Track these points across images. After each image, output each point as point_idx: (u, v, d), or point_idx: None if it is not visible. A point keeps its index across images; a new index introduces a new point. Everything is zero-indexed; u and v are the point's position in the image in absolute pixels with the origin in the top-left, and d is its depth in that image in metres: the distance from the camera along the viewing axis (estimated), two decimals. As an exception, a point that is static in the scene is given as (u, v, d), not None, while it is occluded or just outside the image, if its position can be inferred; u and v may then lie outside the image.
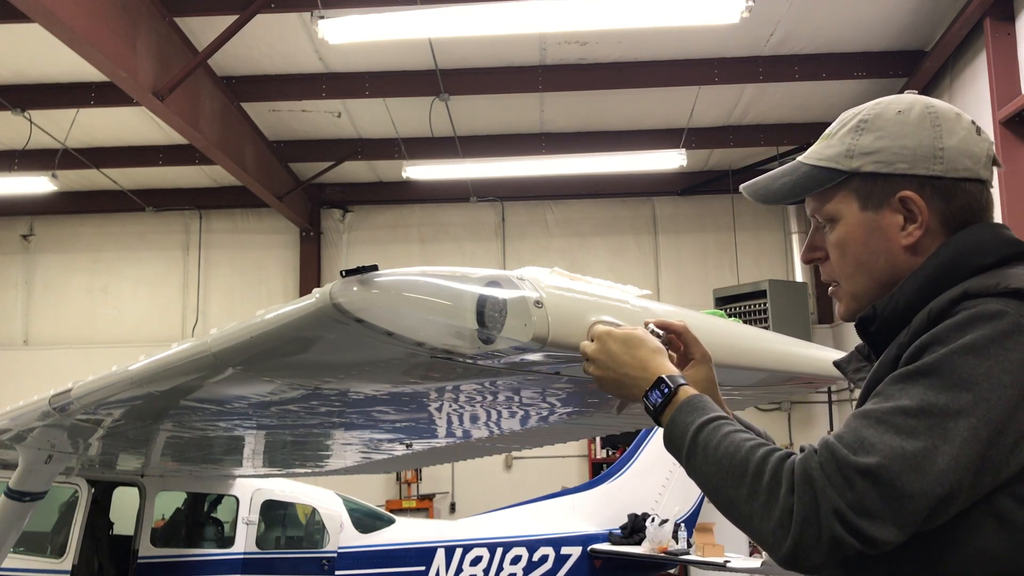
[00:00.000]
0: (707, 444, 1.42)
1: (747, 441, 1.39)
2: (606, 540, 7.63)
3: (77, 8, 6.18)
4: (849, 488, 1.24)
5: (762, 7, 7.47)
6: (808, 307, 10.82)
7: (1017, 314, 1.29)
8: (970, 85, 8.40)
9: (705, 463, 1.41)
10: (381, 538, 6.82)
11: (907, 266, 1.49)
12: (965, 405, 1.24)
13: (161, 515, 6.15)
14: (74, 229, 12.74)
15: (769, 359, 2.11)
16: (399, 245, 12.55)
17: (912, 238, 1.49)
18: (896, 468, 1.23)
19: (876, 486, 1.23)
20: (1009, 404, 1.24)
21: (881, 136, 1.50)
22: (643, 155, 10.25)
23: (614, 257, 12.37)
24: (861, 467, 1.24)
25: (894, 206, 1.49)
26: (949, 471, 1.22)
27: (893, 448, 1.24)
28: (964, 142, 1.48)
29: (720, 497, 1.39)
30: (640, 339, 1.63)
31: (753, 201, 1.69)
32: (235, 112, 9.53)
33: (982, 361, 1.26)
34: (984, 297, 1.32)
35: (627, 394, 1.62)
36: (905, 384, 1.30)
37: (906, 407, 1.27)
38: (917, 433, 1.24)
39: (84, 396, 2.91)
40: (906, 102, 1.53)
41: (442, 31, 7.21)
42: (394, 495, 11.71)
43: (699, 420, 1.46)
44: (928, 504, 1.23)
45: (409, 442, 3.94)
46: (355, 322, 1.63)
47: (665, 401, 1.54)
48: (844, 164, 1.52)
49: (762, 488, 1.32)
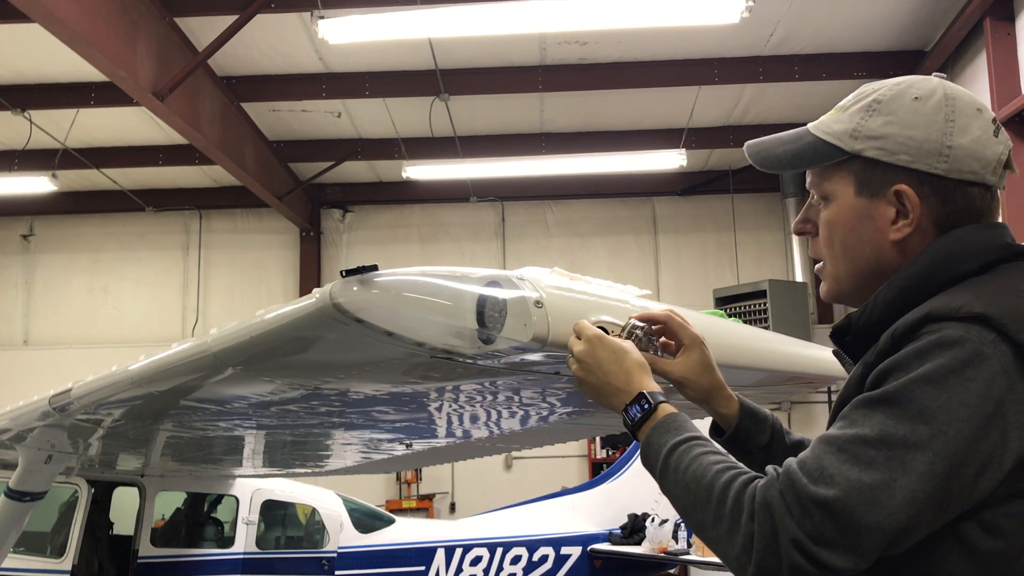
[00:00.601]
0: (677, 466, 1.41)
1: (714, 464, 1.38)
2: (606, 540, 7.63)
3: (77, 8, 6.18)
4: (807, 518, 1.23)
5: (762, 7, 7.47)
6: (808, 307, 10.82)
7: (979, 341, 1.24)
8: (970, 85, 8.40)
9: (676, 485, 1.41)
10: (381, 538, 6.81)
11: (893, 261, 1.45)
12: (922, 438, 1.21)
13: (161, 515, 6.15)
14: (74, 229, 12.75)
15: (769, 359, 2.11)
16: (399, 245, 12.55)
17: (900, 234, 1.44)
18: (853, 501, 1.22)
19: (833, 518, 1.22)
20: (968, 436, 1.21)
21: (891, 121, 1.44)
22: (643, 155, 10.25)
23: (614, 257, 12.38)
24: (819, 499, 1.23)
25: (889, 198, 1.44)
26: (905, 505, 1.21)
27: (850, 480, 1.23)
28: (976, 142, 1.41)
29: (690, 519, 1.40)
30: (627, 350, 1.63)
31: (751, 162, 1.64)
32: (235, 112, 9.53)
33: (940, 392, 1.22)
34: (947, 321, 1.27)
35: (606, 403, 1.62)
36: (867, 411, 1.28)
37: (866, 436, 1.25)
38: (876, 464, 1.22)
39: (84, 396, 2.91)
40: (927, 88, 1.45)
41: (442, 31, 7.21)
42: (394, 495, 11.71)
43: (672, 441, 1.45)
44: (884, 536, 1.22)
45: (409, 442, 3.94)
46: (355, 322, 1.63)
47: (644, 417, 1.53)
48: (848, 144, 1.47)
49: (725, 514, 1.31)
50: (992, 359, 1.23)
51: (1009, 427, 1.22)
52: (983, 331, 1.25)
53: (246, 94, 9.44)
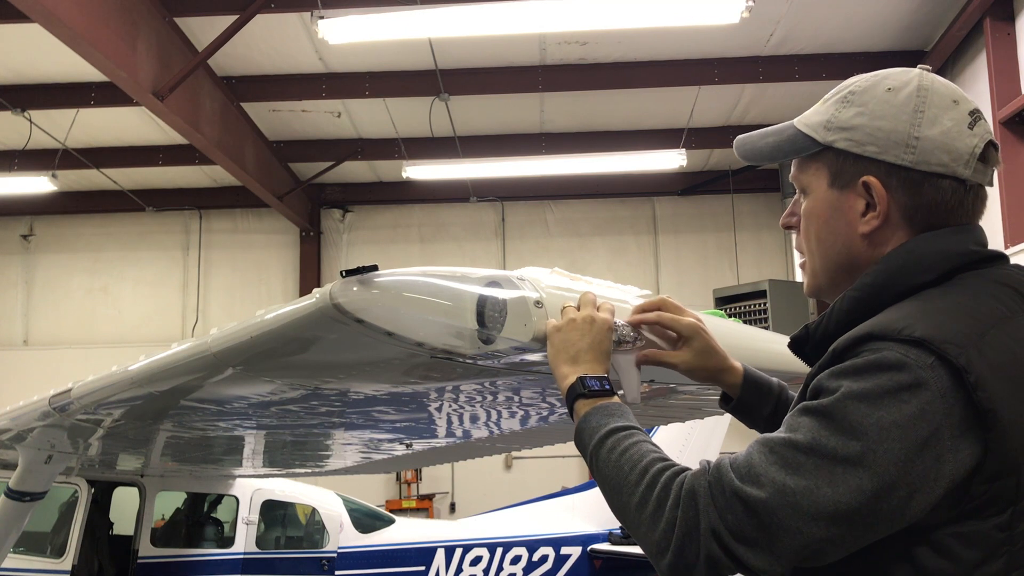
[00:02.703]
0: (614, 447, 1.42)
1: (651, 453, 1.39)
2: (606, 540, 7.62)
3: (77, 8, 6.18)
4: (729, 512, 1.25)
5: (762, 7, 7.48)
6: (808, 307, 10.80)
7: (916, 365, 1.22)
8: (970, 85, 8.40)
9: (607, 464, 1.41)
10: (381, 538, 6.81)
11: (863, 255, 1.43)
12: (852, 454, 1.20)
13: (161, 515, 6.15)
14: (74, 229, 12.75)
15: (769, 359, 2.10)
16: (399, 245, 12.55)
17: (868, 227, 1.41)
18: (775, 503, 1.22)
19: (753, 516, 1.23)
20: (899, 458, 1.19)
21: (861, 112, 1.42)
22: (643, 155, 10.25)
23: (614, 257, 12.38)
24: (743, 495, 1.24)
25: (858, 190, 1.41)
26: (826, 516, 1.20)
27: (775, 482, 1.23)
28: (945, 134, 1.37)
29: (615, 500, 1.40)
30: (609, 345, 1.65)
31: (738, 155, 1.63)
32: (235, 112, 9.53)
33: (873, 411, 1.20)
34: (887, 341, 1.25)
35: (566, 367, 1.60)
36: (801, 419, 1.27)
37: (797, 442, 1.24)
38: (802, 471, 1.22)
39: (84, 396, 2.91)
40: (901, 79, 1.43)
41: (442, 31, 7.21)
42: (394, 495, 11.72)
43: (614, 424, 1.46)
44: (802, 542, 1.22)
45: (409, 442, 3.94)
46: (355, 322, 1.63)
47: (599, 393, 1.54)
48: (821, 135, 1.45)
49: (652, 498, 1.32)
50: (930, 383, 1.21)
51: (944, 451, 1.20)
52: (922, 354, 1.22)
53: (246, 94, 9.44)
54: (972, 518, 1.24)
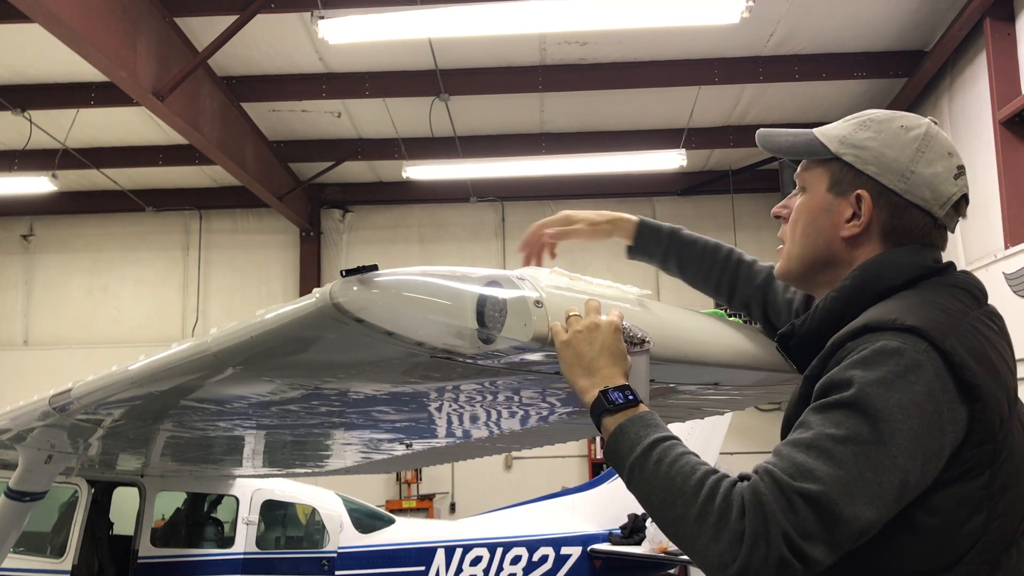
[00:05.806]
0: (660, 459, 1.45)
1: (701, 465, 1.44)
2: (606, 540, 7.62)
3: (77, 8, 6.19)
4: (792, 512, 1.31)
5: (762, 7, 7.48)
6: (808, 307, 10.82)
7: (914, 351, 1.40)
8: (970, 85, 8.40)
9: (655, 478, 1.44)
10: (381, 538, 6.82)
11: (839, 254, 1.66)
12: (884, 435, 1.34)
13: (161, 515, 6.15)
14: (74, 229, 12.75)
15: (769, 359, 2.11)
16: (399, 245, 12.55)
17: (849, 232, 1.64)
18: (834, 494, 1.31)
19: (816, 510, 1.31)
20: (918, 431, 1.35)
21: (873, 138, 1.64)
22: (643, 155, 10.25)
23: (614, 257, 12.33)
24: (803, 492, 1.32)
25: (850, 200, 1.64)
26: (876, 497, 1.33)
27: (829, 474, 1.33)
28: (936, 177, 1.61)
29: (666, 513, 1.42)
30: (622, 345, 1.68)
31: (758, 143, 1.82)
32: (235, 112, 9.53)
33: (892, 394, 1.36)
34: (884, 331, 1.44)
35: (584, 380, 1.62)
36: (827, 415, 1.39)
37: (833, 435, 1.36)
38: (846, 461, 1.34)
39: (84, 396, 2.91)
40: (914, 122, 1.66)
41: (442, 31, 7.21)
42: (394, 495, 11.72)
43: (655, 435, 1.50)
44: (859, 528, 1.32)
45: (409, 442, 3.94)
46: (355, 322, 1.63)
47: (624, 405, 1.56)
48: (835, 147, 1.67)
49: (713, 509, 1.36)
50: (926, 365, 1.40)
51: (945, 423, 1.39)
52: (916, 340, 1.42)
53: (246, 94, 9.44)
54: (961, 480, 1.41)
